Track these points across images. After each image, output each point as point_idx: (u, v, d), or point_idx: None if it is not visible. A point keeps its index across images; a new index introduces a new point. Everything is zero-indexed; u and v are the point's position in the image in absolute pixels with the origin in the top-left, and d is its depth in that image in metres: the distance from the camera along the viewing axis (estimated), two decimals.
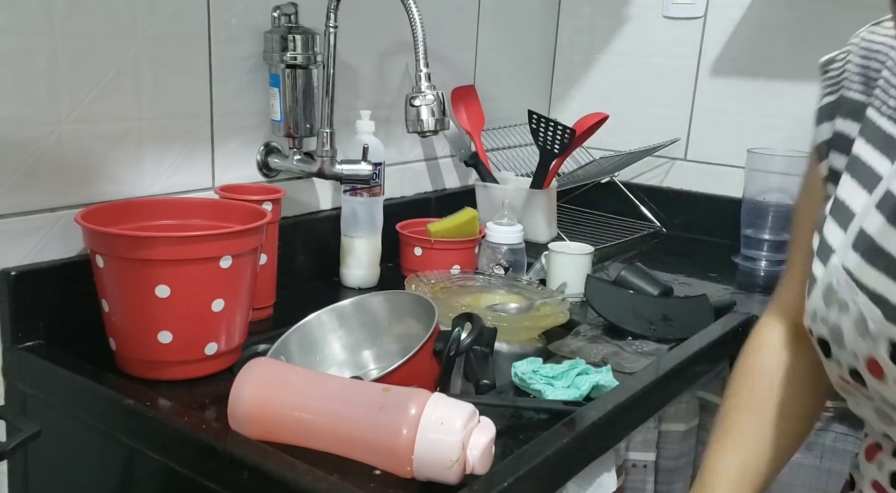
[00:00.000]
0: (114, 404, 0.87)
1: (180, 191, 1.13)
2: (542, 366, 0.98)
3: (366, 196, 1.28)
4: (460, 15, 1.61)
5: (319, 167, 1.21)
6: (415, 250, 1.35)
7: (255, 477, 0.74)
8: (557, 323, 1.13)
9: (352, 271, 1.31)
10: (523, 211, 1.56)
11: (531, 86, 1.89)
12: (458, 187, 1.66)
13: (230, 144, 1.19)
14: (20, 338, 0.97)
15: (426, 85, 1.07)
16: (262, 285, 1.10)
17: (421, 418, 0.72)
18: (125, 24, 1.03)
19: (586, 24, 1.87)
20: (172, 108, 1.10)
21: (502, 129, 1.77)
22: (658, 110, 1.80)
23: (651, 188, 1.82)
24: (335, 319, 1.01)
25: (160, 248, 0.89)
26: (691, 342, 1.11)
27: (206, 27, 1.12)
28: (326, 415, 0.76)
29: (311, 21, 1.20)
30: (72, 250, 1.01)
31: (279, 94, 1.19)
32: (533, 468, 0.77)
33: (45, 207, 0.99)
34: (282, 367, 0.82)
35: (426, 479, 0.72)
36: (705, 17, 1.71)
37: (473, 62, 1.67)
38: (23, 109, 0.95)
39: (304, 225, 1.30)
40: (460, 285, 1.24)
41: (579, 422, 0.86)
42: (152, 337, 0.91)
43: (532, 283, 1.27)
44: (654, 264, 1.38)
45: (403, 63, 1.45)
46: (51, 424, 0.87)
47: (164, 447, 0.83)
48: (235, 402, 0.78)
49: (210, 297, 0.92)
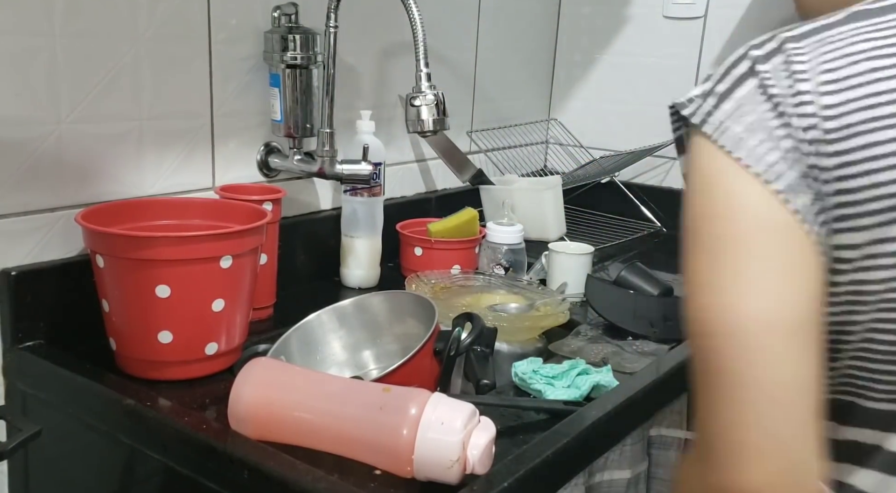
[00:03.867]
0: (114, 404, 0.87)
1: (180, 191, 1.13)
2: (542, 366, 0.98)
3: (366, 196, 1.28)
4: (460, 15, 1.61)
5: (319, 167, 1.21)
6: (415, 250, 1.35)
7: (255, 477, 0.74)
8: (557, 323, 1.13)
9: (352, 271, 1.31)
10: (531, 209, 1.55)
11: (531, 86, 1.89)
12: (458, 187, 1.66)
13: (230, 144, 1.19)
14: (20, 338, 0.97)
15: (426, 85, 1.07)
16: (262, 285, 1.10)
17: (421, 418, 0.72)
18: (125, 24, 1.03)
19: (586, 24, 1.87)
20: (172, 108, 1.10)
21: (502, 129, 1.77)
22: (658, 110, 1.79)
23: (651, 188, 1.82)
24: (335, 319, 1.01)
25: (160, 248, 0.89)
26: None
27: (206, 27, 1.12)
28: (326, 415, 0.76)
29: (311, 21, 1.20)
30: (72, 250, 1.01)
31: (279, 94, 1.19)
32: (533, 468, 0.77)
33: (45, 207, 0.99)
34: (282, 367, 0.82)
35: (426, 479, 0.72)
36: (705, 17, 1.71)
37: (473, 62, 1.67)
38: (23, 109, 0.95)
39: (304, 225, 1.30)
40: (460, 285, 1.24)
41: (579, 422, 0.86)
42: (152, 337, 0.91)
43: (532, 283, 1.27)
44: (654, 264, 1.38)
45: (403, 63, 1.45)
46: (51, 424, 0.87)
47: (164, 447, 0.83)
48: (235, 402, 0.78)
49: (210, 297, 0.92)
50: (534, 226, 1.50)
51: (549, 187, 1.59)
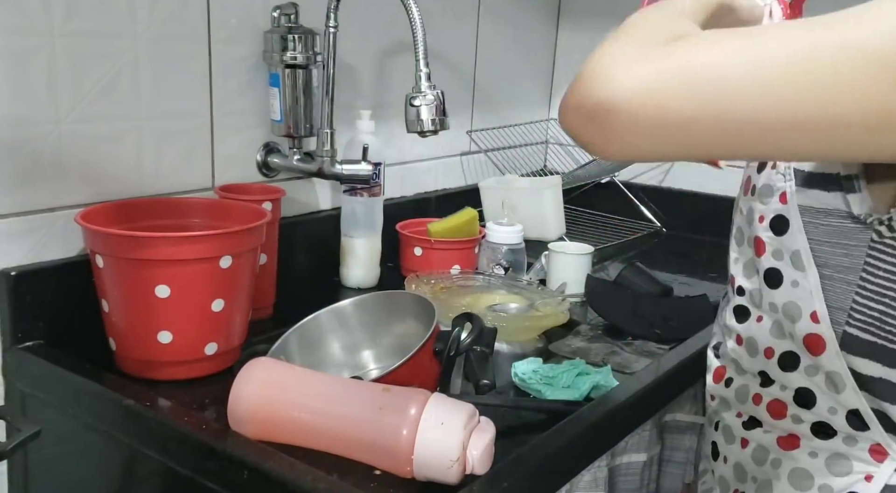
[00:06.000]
0: (114, 404, 0.87)
1: (180, 191, 1.13)
2: (542, 366, 0.98)
3: (366, 196, 1.28)
4: (460, 15, 1.61)
5: (319, 167, 1.21)
6: (415, 250, 1.35)
7: (255, 477, 0.74)
8: (557, 323, 1.13)
9: (352, 271, 1.31)
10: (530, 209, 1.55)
11: (531, 86, 1.89)
12: (458, 187, 1.66)
13: (230, 144, 1.19)
14: (20, 338, 0.97)
15: (426, 85, 1.07)
16: (262, 285, 1.10)
17: (421, 418, 0.72)
18: (125, 24, 1.03)
19: (586, 24, 1.87)
20: (172, 108, 1.10)
21: (502, 129, 1.77)
22: None
23: (651, 188, 1.82)
24: (335, 319, 1.01)
25: (160, 248, 0.89)
26: (691, 342, 1.11)
27: (205, 27, 1.12)
28: (326, 415, 0.76)
29: (311, 21, 1.20)
30: (72, 250, 1.01)
31: (279, 93, 1.19)
32: (533, 468, 0.77)
33: (44, 207, 0.99)
34: (282, 367, 0.82)
35: (426, 479, 0.72)
36: None
37: (473, 62, 1.67)
38: (23, 109, 0.95)
39: (304, 225, 1.30)
40: (460, 285, 1.24)
41: (579, 422, 0.86)
42: (152, 337, 0.91)
43: (532, 283, 1.27)
44: (654, 264, 1.38)
45: (403, 63, 1.45)
46: (51, 424, 0.87)
47: (163, 447, 0.83)
48: (235, 402, 0.78)
49: (210, 297, 0.92)
50: (533, 226, 1.50)
51: (549, 187, 1.59)
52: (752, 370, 0.73)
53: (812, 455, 0.69)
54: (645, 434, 1.02)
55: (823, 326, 0.65)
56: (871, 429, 0.66)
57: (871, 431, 0.66)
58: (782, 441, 0.70)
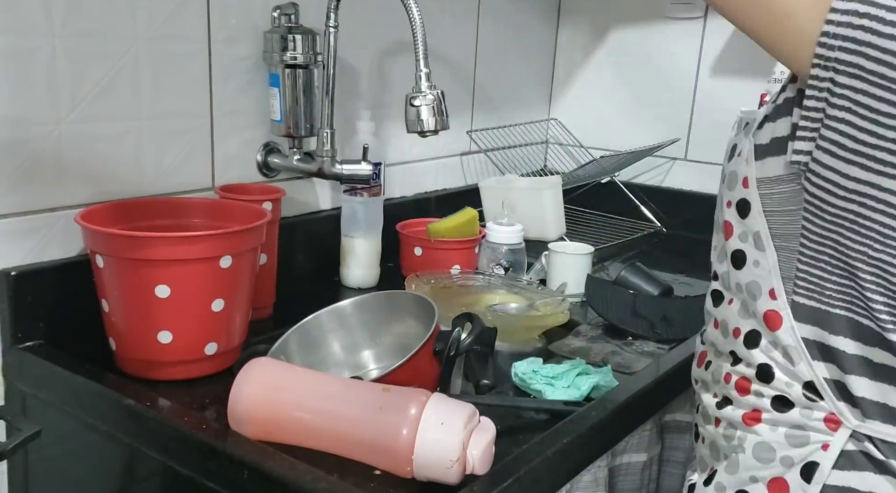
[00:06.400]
0: (114, 404, 0.87)
1: (180, 191, 1.13)
2: (542, 366, 0.98)
3: (366, 196, 1.28)
4: (460, 15, 1.61)
5: (319, 167, 1.21)
6: (415, 250, 1.35)
7: (255, 477, 0.74)
8: (557, 323, 1.13)
9: (352, 271, 1.31)
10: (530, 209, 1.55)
11: (531, 86, 1.89)
12: (458, 187, 1.66)
13: (230, 144, 1.19)
14: (20, 338, 0.97)
15: (426, 85, 1.07)
16: (262, 285, 1.10)
17: (421, 418, 0.72)
18: (125, 24, 1.03)
19: (586, 23, 1.87)
20: (172, 107, 1.10)
21: (502, 128, 1.77)
22: (658, 110, 1.80)
23: (651, 188, 1.82)
24: (335, 319, 1.01)
25: (160, 248, 0.89)
26: (691, 342, 1.11)
27: (205, 27, 1.12)
28: (326, 415, 0.76)
29: (311, 21, 1.20)
30: (72, 250, 1.01)
31: (279, 93, 1.19)
32: (533, 468, 0.77)
33: (45, 207, 0.99)
34: (282, 367, 0.82)
35: (426, 479, 0.72)
36: (705, 17, 1.71)
37: (473, 62, 1.67)
38: (23, 109, 0.95)
39: (304, 225, 1.30)
40: (460, 285, 1.24)
41: (579, 422, 0.86)
42: (152, 337, 0.91)
43: (532, 283, 1.27)
44: (654, 264, 1.38)
45: (403, 63, 1.45)
46: (51, 424, 0.87)
47: (164, 447, 0.83)
48: (235, 402, 0.78)
49: (210, 297, 0.92)
50: (533, 226, 1.50)
51: (549, 187, 1.59)
52: (725, 351, 0.75)
53: (773, 429, 0.71)
54: (645, 434, 1.02)
55: (780, 302, 0.68)
56: (824, 400, 0.67)
57: (824, 401, 0.67)
58: (746, 417, 0.72)
